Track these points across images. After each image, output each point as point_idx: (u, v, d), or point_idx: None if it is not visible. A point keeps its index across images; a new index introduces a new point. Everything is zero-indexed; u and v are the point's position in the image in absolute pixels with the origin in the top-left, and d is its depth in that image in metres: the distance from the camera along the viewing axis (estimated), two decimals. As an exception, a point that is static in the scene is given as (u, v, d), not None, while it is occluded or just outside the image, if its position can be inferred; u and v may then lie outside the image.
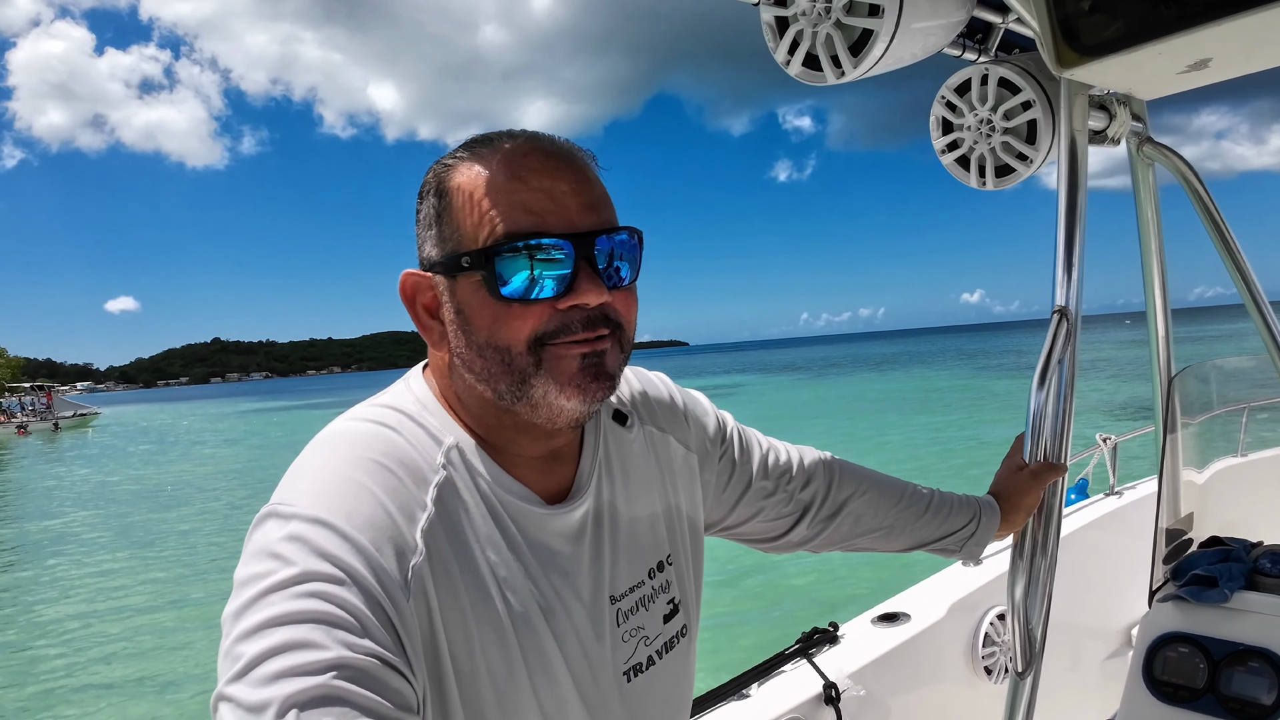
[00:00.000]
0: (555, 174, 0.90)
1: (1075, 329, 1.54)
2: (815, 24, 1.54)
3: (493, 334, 0.89)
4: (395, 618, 0.77)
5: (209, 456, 38.48)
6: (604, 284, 0.89)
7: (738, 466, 1.26)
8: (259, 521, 0.81)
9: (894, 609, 2.50)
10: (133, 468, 34.80)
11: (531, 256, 0.86)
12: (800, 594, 10.38)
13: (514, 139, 0.93)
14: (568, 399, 0.90)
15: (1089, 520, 3.17)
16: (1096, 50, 1.49)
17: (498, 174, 0.89)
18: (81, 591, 13.76)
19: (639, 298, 0.98)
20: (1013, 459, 1.56)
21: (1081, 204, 1.58)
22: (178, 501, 23.10)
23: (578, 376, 0.90)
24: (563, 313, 0.88)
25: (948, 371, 56.41)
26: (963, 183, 1.88)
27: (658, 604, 1.08)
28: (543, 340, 0.88)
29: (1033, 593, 1.50)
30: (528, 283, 0.87)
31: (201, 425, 65.68)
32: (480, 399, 0.94)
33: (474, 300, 0.89)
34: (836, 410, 36.14)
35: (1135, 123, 1.83)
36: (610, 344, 0.92)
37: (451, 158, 0.94)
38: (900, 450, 20.26)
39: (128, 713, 8.51)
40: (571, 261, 0.88)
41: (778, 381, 68.91)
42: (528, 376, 0.89)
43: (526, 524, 0.94)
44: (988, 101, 1.79)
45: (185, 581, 13.89)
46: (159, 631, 11.00)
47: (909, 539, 1.43)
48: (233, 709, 0.68)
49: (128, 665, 9.82)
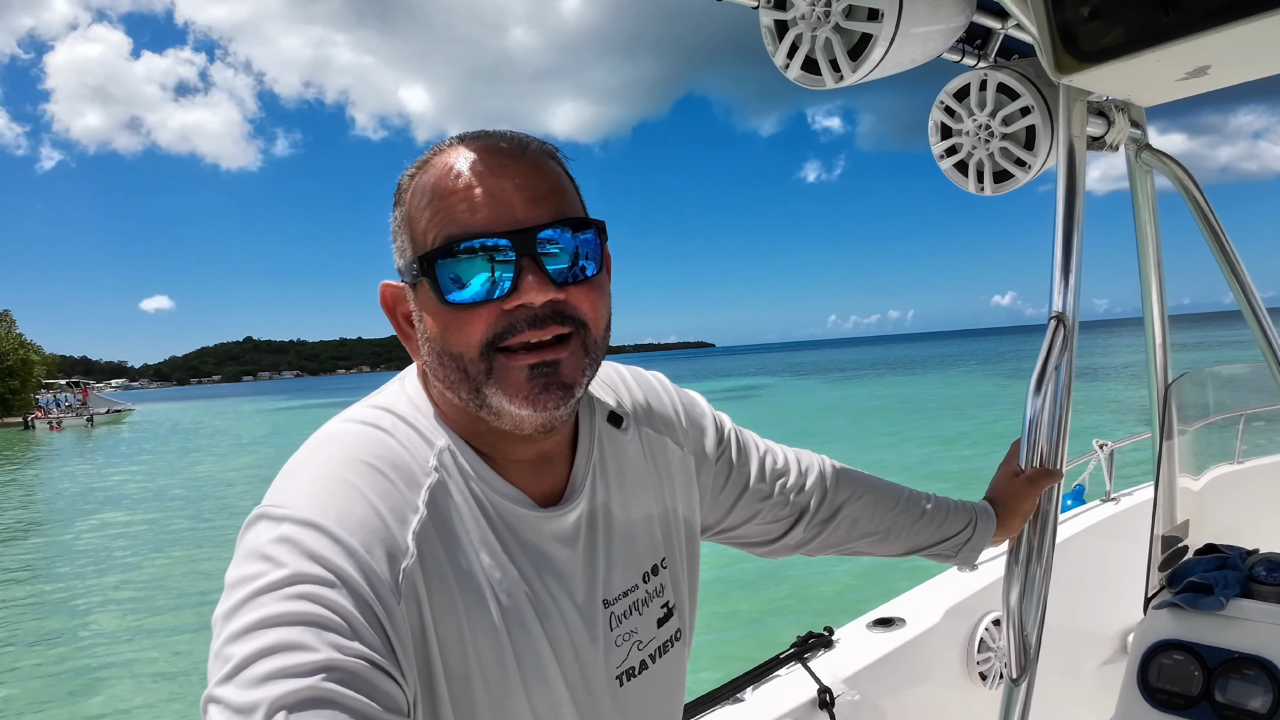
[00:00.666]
0: (498, 171, 0.87)
1: (1073, 335, 1.54)
2: (814, 28, 1.54)
3: (446, 341, 0.87)
4: (385, 620, 0.76)
5: (244, 450, 38.09)
6: (550, 280, 0.86)
7: (735, 468, 1.25)
8: (250, 523, 0.81)
9: (889, 614, 2.49)
10: (165, 464, 34.71)
11: (468, 257, 0.85)
12: (794, 598, 10.38)
13: (462, 140, 0.91)
14: (520, 409, 0.88)
15: (1085, 526, 3.17)
16: (1096, 56, 1.49)
17: (443, 178, 0.88)
18: (113, 593, 13.72)
19: (610, 291, 0.94)
20: (1009, 464, 1.56)
21: (1079, 210, 1.58)
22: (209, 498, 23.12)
23: (526, 388, 0.87)
24: (509, 313, 0.86)
25: (975, 376, 56.07)
26: (961, 188, 1.88)
27: (652, 608, 1.07)
28: (495, 344, 0.86)
29: (1028, 598, 1.50)
30: (471, 286, 0.85)
31: (233, 424, 65.13)
32: (455, 405, 0.93)
33: (427, 307, 0.89)
34: (857, 415, 35.89)
35: (1134, 129, 1.83)
36: (571, 347, 0.89)
37: (414, 165, 0.93)
38: (916, 455, 20.29)
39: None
40: (513, 260, 0.85)
41: (800, 385, 68.66)
42: (480, 385, 0.87)
43: (520, 527, 0.93)
44: (986, 107, 1.79)
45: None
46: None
47: (905, 544, 1.43)
48: (222, 710, 0.67)
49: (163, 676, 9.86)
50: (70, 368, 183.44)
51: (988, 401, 34.61)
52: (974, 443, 22.41)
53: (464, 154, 0.89)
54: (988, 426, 25.67)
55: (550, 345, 0.87)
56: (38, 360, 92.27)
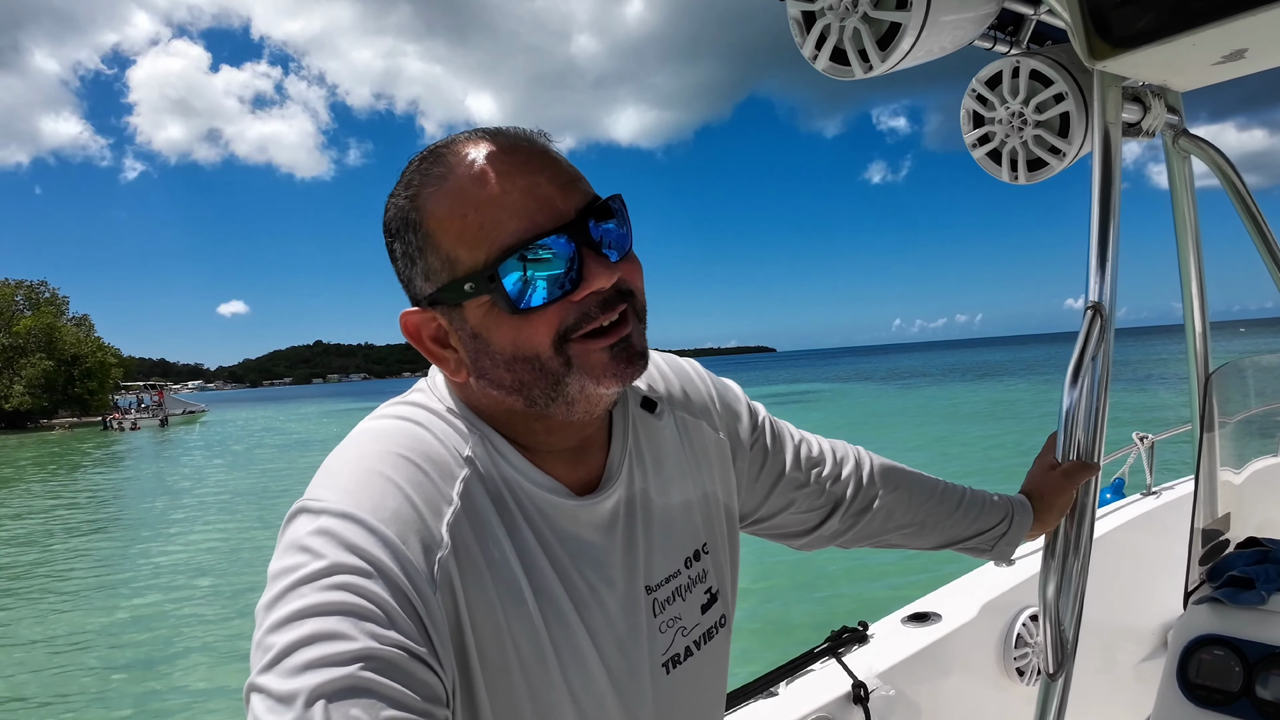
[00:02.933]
0: (524, 167, 0.87)
1: (1109, 325, 1.52)
2: (842, 18, 1.53)
3: (517, 347, 0.87)
4: (422, 610, 0.78)
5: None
6: (609, 262, 0.88)
7: (770, 456, 1.25)
8: (291, 517, 0.82)
9: (924, 609, 2.46)
10: (236, 465, 35.21)
11: (534, 261, 0.84)
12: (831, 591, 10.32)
13: (468, 145, 0.89)
14: (605, 387, 0.89)
15: (1124, 520, 3.11)
16: (1129, 42, 1.47)
17: (469, 188, 0.86)
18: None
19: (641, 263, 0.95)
20: (1045, 458, 1.54)
21: (1115, 198, 1.55)
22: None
23: (611, 366, 0.88)
24: (578, 303, 0.87)
25: (1041, 383, 54.85)
26: (994, 177, 1.86)
27: (695, 593, 1.07)
28: (566, 335, 0.87)
29: (1065, 593, 1.48)
30: (538, 287, 0.85)
31: (309, 426, 65.37)
32: (508, 409, 0.93)
33: (488, 321, 0.88)
34: (916, 422, 35.24)
35: (1170, 115, 1.80)
36: (629, 319, 0.91)
37: (410, 189, 0.90)
38: (969, 463, 19.89)
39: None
40: (573, 252, 0.86)
41: (860, 390, 67.65)
42: (560, 377, 0.88)
43: (556, 516, 0.94)
44: (1019, 94, 1.76)
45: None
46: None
47: (940, 536, 1.42)
48: (263, 699, 0.69)
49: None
50: (149, 370, 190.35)
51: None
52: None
53: (479, 159, 0.87)
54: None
55: (617, 324, 0.89)
56: (115, 363, 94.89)
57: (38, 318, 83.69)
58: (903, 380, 79.01)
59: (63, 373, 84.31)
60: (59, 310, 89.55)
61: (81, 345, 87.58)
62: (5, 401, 79.50)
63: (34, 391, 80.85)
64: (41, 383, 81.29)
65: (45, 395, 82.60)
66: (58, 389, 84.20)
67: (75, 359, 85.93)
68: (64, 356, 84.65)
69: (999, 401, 41.13)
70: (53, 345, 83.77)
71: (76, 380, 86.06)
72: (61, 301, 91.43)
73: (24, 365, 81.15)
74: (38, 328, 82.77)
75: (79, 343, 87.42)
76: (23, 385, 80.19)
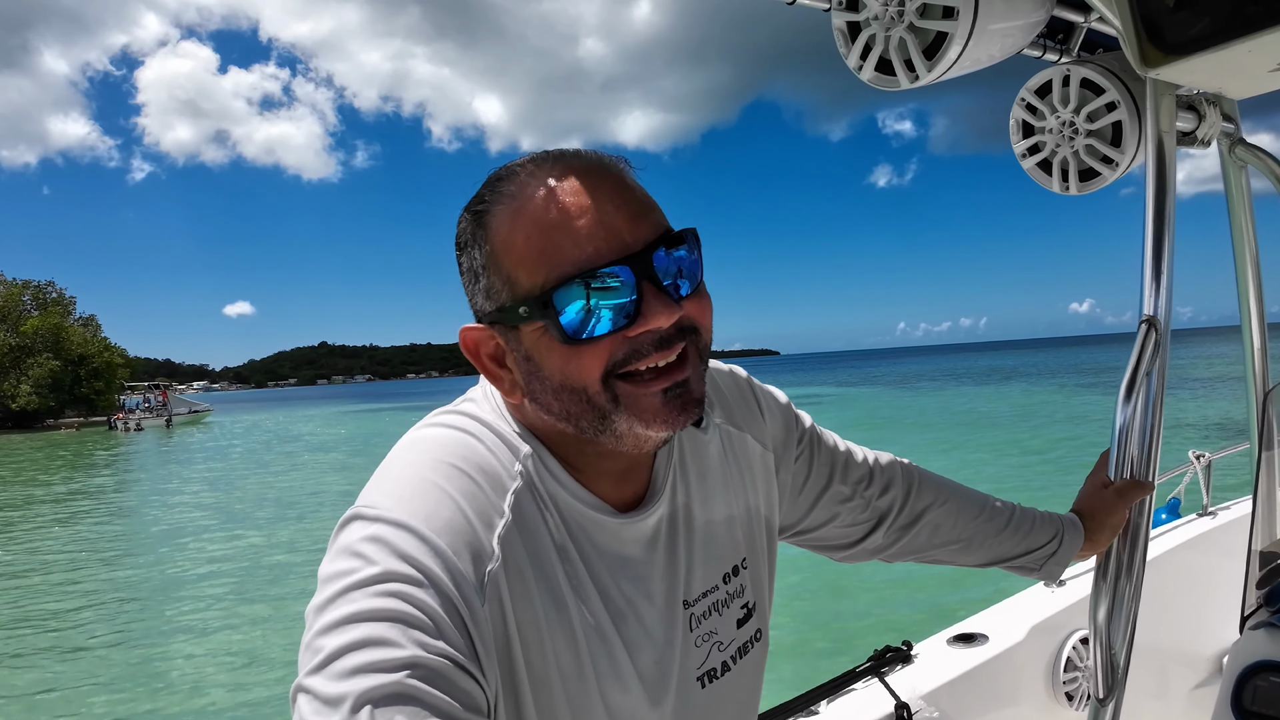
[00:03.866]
0: (593, 194, 0.84)
1: (1165, 339, 1.48)
2: (888, 28, 1.51)
3: (566, 376, 0.86)
4: (469, 620, 0.78)
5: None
6: (672, 299, 0.84)
7: (814, 468, 1.23)
8: (344, 522, 0.83)
9: (971, 629, 2.42)
10: (240, 472, 34.35)
11: (591, 291, 0.82)
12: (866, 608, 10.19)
13: (541, 166, 0.87)
14: (655, 431, 0.87)
15: (1179, 541, 3.03)
16: (1183, 48, 1.43)
17: (536, 210, 0.84)
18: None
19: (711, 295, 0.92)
20: (1097, 476, 1.50)
21: (1170, 208, 1.51)
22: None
23: (663, 411, 0.86)
24: (632, 339, 0.84)
25: (1052, 390, 54.12)
26: (1045, 188, 1.82)
27: (732, 608, 1.06)
28: (616, 371, 0.85)
29: (1116, 616, 1.44)
30: (593, 318, 0.83)
31: (319, 429, 64.36)
32: (560, 431, 0.92)
33: (540, 346, 0.86)
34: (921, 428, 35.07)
35: (1226, 123, 1.75)
36: (690, 360, 0.88)
37: (480, 204, 0.89)
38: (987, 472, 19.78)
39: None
40: (634, 285, 0.83)
41: (863, 394, 67.32)
42: (608, 413, 0.86)
43: (598, 534, 0.94)
44: (1070, 103, 1.73)
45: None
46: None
47: (987, 554, 1.39)
48: (310, 700, 0.70)
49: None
50: (155, 370, 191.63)
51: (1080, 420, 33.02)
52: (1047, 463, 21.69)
53: (550, 182, 0.85)
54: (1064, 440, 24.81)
55: (675, 365, 0.87)
56: (121, 363, 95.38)
57: (45, 318, 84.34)
58: (912, 385, 78.13)
59: (69, 373, 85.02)
60: (66, 310, 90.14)
61: (88, 345, 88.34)
62: (12, 401, 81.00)
63: (41, 391, 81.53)
64: (48, 383, 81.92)
65: (52, 395, 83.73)
66: (64, 389, 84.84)
67: (82, 359, 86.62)
68: (71, 357, 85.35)
69: (1022, 406, 40.07)
70: (60, 345, 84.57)
71: (83, 380, 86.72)
72: (69, 302, 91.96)
73: (31, 365, 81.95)
74: (45, 328, 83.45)
75: (86, 343, 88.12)
76: (30, 385, 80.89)
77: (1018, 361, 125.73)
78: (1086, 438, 24.93)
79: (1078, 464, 19.06)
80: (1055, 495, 14.54)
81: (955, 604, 8.87)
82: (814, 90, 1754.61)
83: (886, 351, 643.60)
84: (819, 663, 7.71)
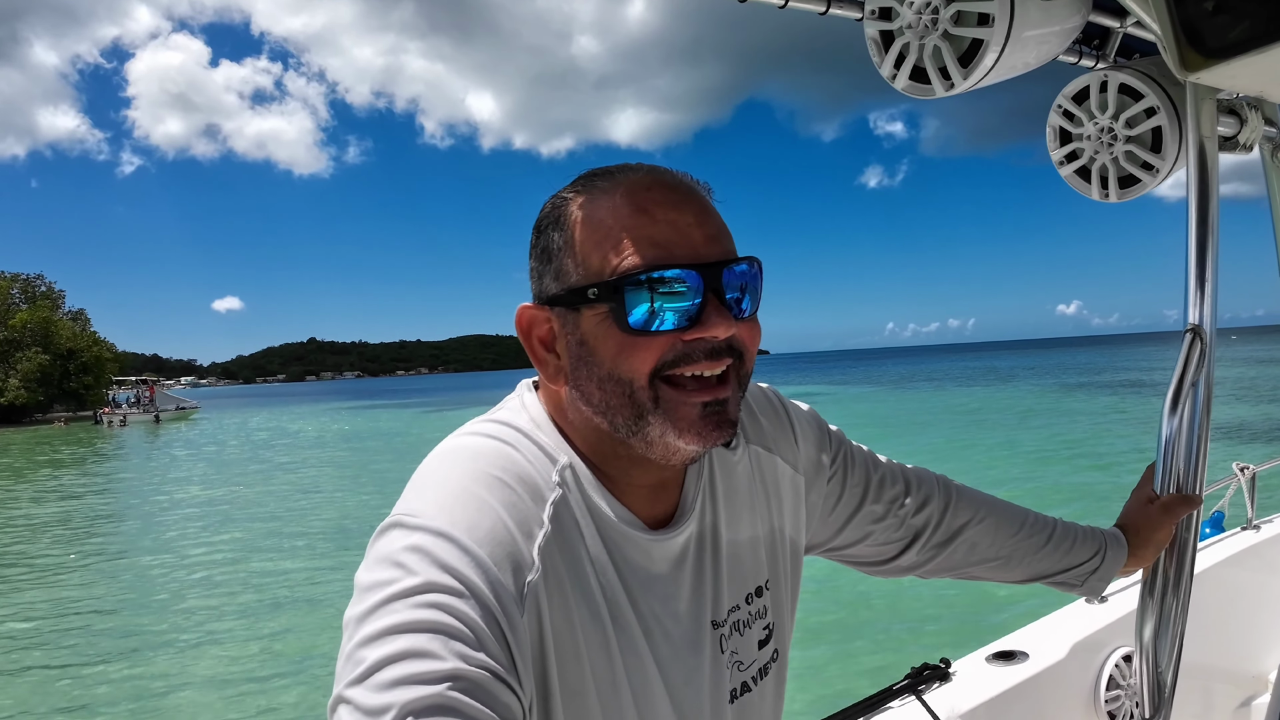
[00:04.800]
0: (679, 206, 0.90)
1: (1210, 349, 1.45)
2: (922, 36, 1.50)
3: (616, 365, 0.89)
4: (509, 632, 0.78)
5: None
6: (732, 314, 0.89)
7: (847, 488, 1.22)
8: (383, 530, 0.84)
9: (1011, 647, 2.37)
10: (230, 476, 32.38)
11: (659, 288, 0.87)
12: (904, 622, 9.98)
13: (634, 172, 0.94)
14: (686, 443, 0.90)
15: (1224, 556, 2.97)
16: (1223, 52, 1.40)
17: (621, 207, 0.90)
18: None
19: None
20: (1143, 490, 1.48)
21: (1214, 214, 1.49)
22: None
23: (698, 424, 0.89)
24: (687, 343, 0.88)
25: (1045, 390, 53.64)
26: (1084, 195, 1.79)
27: (754, 629, 1.07)
28: (663, 371, 0.88)
29: (1163, 633, 1.42)
30: (654, 314, 0.87)
31: (315, 428, 60.39)
32: (596, 430, 0.94)
33: (599, 331, 0.89)
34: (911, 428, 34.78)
35: (1269, 127, 1.72)
36: (731, 384, 0.92)
37: (570, 191, 0.94)
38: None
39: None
40: (699, 292, 0.87)
41: (852, 394, 66.82)
42: (645, 412, 0.89)
43: (630, 549, 0.95)
44: (1108, 109, 1.70)
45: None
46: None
47: (1027, 571, 1.37)
48: (352, 711, 0.70)
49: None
50: (142, 365, 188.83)
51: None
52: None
53: (641, 185, 0.92)
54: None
55: (717, 382, 0.90)
56: (109, 357, 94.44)
57: (34, 311, 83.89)
58: (909, 385, 77.10)
59: (58, 367, 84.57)
60: (55, 304, 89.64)
61: (78, 340, 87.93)
62: (0, 396, 79.54)
63: (29, 386, 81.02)
64: (37, 377, 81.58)
65: (41, 390, 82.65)
66: (53, 383, 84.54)
67: (71, 353, 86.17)
68: (60, 351, 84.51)
69: (1029, 410, 39.49)
70: (49, 340, 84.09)
71: (72, 375, 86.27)
72: (58, 295, 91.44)
73: (20, 359, 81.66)
74: (34, 322, 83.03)
75: (75, 337, 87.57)
76: (18, 380, 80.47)
77: (1013, 363, 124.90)
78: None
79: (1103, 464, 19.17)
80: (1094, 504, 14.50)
81: (995, 622, 8.72)
82: (807, 91, 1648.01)
83: (875, 352, 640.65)
84: (857, 681, 7.48)
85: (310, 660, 9.81)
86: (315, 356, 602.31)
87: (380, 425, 54.82)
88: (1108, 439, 26.12)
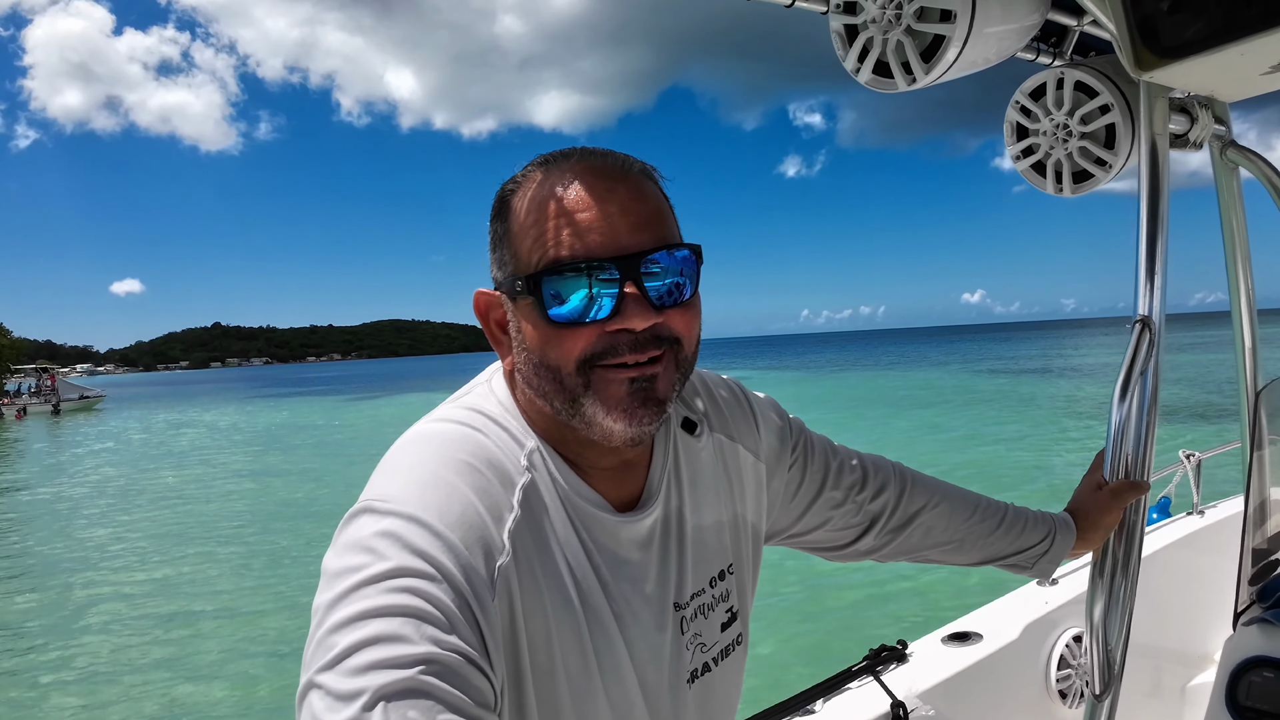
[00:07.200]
0: (605, 195, 0.91)
1: (1158, 340, 1.49)
2: (885, 31, 1.53)
3: (544, 354, 0.91)
4: (480, 615, 0.79)
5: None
6: (651, 306, 0.90)
7: (807, 476, 1.25)
8: (352, 515, 0.84)
9: (965, 628, 2.43)
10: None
11: (577, 281, 0.88)
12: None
13: (567, 159, 0.94)
14: (615, 421, 0.91)
15: (1171, 540, 3.06)
16: (1177, 52, 1.45)
17: (548, 197, 0.91)
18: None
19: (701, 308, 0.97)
20: (1093, 476, 1.52)
21: (1164, 210, 1.53)
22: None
23: (625, 400, 0.91)
24: (610, 335, 0.90)
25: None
26: (1039, 189, 1.84)
27: (717, 612, 1.09)
28: (591, 361, 0.90)
29: (1112, 614, 1.45)
30: (575, 306, 0.89)
31: (229, 422, 53.60)
32: (543, 412, 0.96)
33: (530, 321, 0.92)
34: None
35: (1218, 126, 1.77)
36: (664, 365, 0.93)
37: (513, 181, 0.96)
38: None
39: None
40: (618, 284, 0.88)
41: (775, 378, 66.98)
42: (577, 396, 0.91)
43: (598, 531, 0.96)
44: (1064, 106, 1.75)
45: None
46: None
47: (979, 553, 1.41)
48: (323, 696, 0.70)
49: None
50: (35, 352, 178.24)
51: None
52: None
53: (570, 175, 0.92)
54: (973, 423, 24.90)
55: (646, 365, 0.91)
56: (7, 345, 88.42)
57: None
58: (833, 370, 77.90)
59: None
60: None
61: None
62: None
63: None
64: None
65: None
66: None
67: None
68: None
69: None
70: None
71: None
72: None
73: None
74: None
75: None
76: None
77: (927, 349, 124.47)
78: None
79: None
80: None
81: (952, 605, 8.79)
82: (729, 79, 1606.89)
83: (791, 338, 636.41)
84: (819, 664, 7.64)
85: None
86: (220, 342, 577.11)
87: (300, 419, 50.33)
88: (1019, 425, 27.14)
